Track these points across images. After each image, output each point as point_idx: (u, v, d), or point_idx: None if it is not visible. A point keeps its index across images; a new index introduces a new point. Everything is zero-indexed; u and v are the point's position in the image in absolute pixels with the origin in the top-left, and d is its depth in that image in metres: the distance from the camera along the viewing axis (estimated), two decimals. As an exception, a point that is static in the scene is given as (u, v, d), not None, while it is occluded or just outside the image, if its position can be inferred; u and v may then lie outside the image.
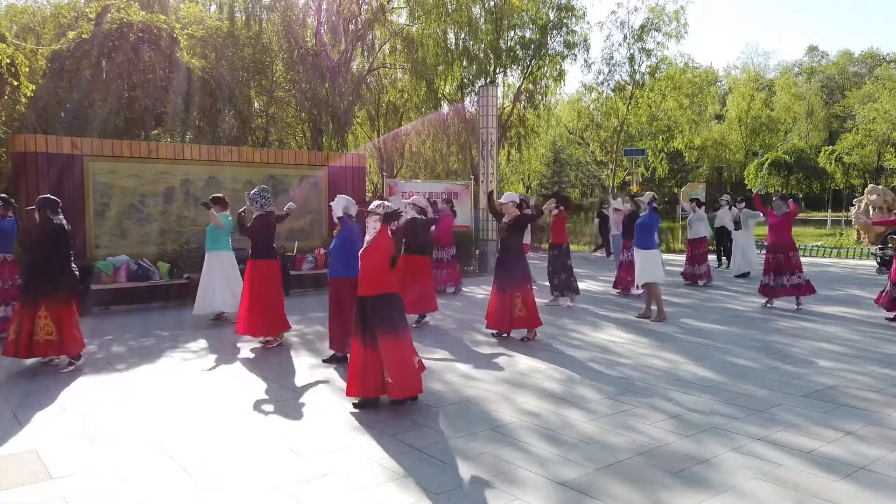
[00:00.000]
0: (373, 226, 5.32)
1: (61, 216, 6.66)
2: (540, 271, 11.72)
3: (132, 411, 5.25)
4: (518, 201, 7.77)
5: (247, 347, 7.56)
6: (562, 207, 9.98)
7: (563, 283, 10.16)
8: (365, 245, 5.34)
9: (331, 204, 6.80)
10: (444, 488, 3.77)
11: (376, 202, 5.49)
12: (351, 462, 4.18)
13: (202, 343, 7.80)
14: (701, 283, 12.61)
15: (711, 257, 14.71)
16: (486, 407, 5.26)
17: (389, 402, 5.27)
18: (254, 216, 7.67)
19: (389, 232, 5.33)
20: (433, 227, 8.95)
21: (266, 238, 7.59)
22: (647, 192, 9.44)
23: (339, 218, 6.59)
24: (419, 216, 8.37)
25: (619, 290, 11.57)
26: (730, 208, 14.82)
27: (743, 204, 14.02)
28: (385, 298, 5.20)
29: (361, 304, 5.21)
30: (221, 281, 8.80)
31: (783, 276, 9.71)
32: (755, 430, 4.68)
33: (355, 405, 5.25)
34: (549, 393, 5.64)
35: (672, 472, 3.97)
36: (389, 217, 5.29)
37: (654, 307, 9.05)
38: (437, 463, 4.14)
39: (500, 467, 4.06)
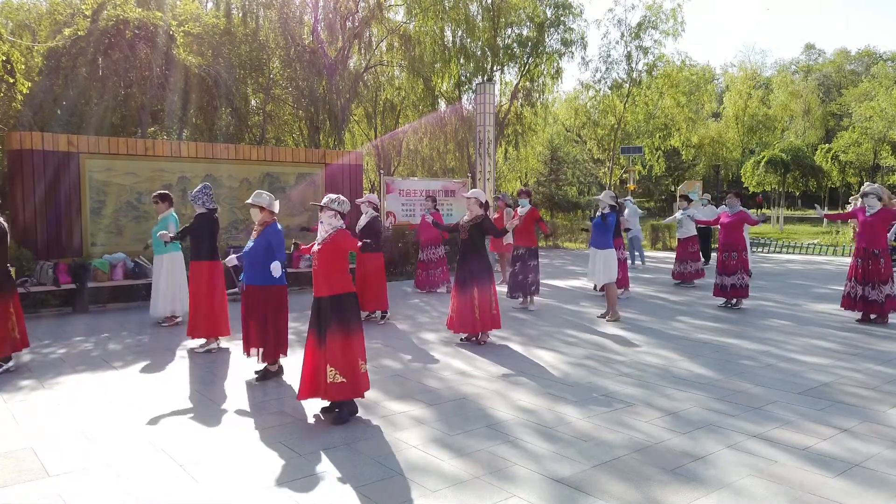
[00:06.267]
0: (328, 222, 4.99)
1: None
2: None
3: (129, 409, 5.25)
4: (483, 200, 7.38)
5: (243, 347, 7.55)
6: (532, 206, 9.86)
7: (532, 283, 9.88)
8: (319, 242, 5.02)
9: (250, 202, 6.05)
10: (440, 485, 3.78)
11: (331, 196, 5.07)
12: (347, 460, 4.18)
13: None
14: (696, 281, 12.54)
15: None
16: (482, 404, 5.28)
17: (319, 410, 5.08)
18: (195, 214, 7.28)
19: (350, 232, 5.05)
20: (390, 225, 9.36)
21: (210, 238, 7.25)
22: (606, 192, 9.24)
23: (262, 222, 6.04)
24: (377, 214, 8.83)
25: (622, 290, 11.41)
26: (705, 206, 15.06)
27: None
28: (341, 298, 4.93)
29: (317, 305, 4.96)
30: (181, 282, 8.82)
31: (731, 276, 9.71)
32: (750, 427, 4.70)
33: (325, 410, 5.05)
34: (545, 390, 5.65)
35: (667, 468, 3.99)
36: (343, 216, 5.01)
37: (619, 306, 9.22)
38: (433, 460, 4.16)
39: (495, 464, 4.08)
